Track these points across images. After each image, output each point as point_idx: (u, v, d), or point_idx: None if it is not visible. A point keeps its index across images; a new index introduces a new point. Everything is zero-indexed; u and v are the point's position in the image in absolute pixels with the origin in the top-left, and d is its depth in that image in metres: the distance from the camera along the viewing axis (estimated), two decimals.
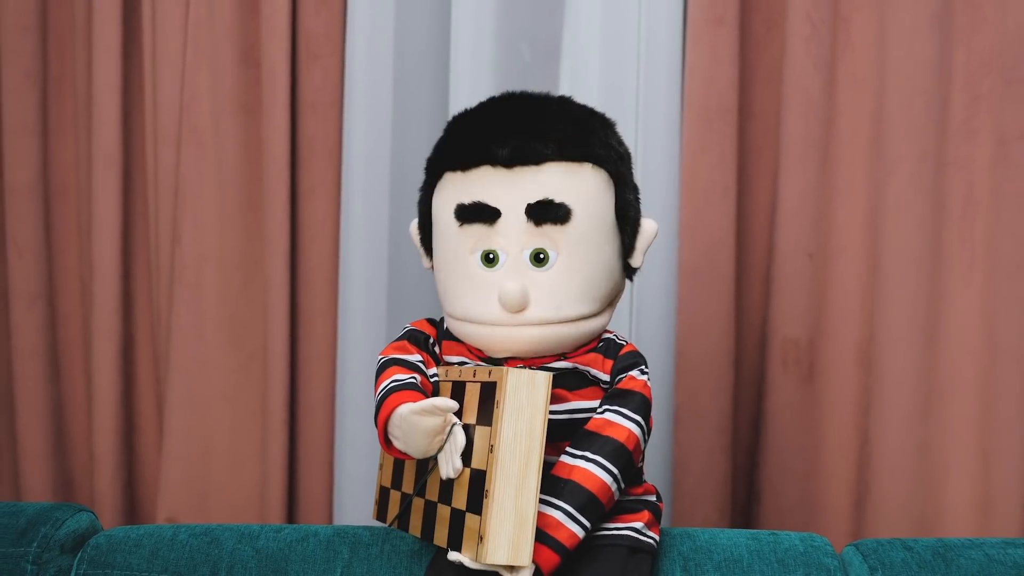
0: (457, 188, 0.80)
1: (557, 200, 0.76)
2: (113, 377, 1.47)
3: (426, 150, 1.42)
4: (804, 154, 1.32)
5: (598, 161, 0.80)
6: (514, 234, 0.76)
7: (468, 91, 1.38)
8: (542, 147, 0.78)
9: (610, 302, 0.81)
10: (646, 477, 0.82)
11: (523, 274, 0.74)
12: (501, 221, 0.76)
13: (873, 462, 1.29)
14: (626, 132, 1.30)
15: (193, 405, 1.46)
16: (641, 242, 0.83)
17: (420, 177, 1.37)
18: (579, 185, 0.78)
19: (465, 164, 0.80)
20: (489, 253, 0.77)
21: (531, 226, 0.76)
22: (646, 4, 1.34)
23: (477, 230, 0.77)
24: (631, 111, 1.35)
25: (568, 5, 1.39)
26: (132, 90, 1.48)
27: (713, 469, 1.33)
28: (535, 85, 1.39)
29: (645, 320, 1.35)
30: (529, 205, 0.76)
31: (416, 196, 1.31)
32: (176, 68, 1.44)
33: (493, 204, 0.77)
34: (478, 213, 0.77)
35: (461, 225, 0.77)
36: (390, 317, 1.43)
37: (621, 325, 1.34)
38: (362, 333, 1.43)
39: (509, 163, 0.78)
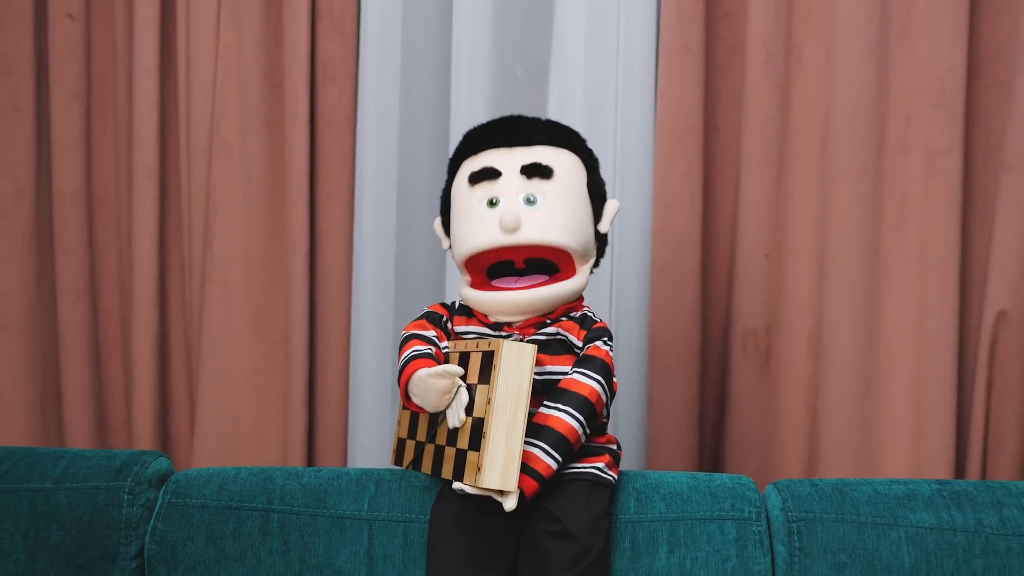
0: (470, 165, 1.06)
1: (544, 163, 1.02)
2: (150, 365, 1.72)
3: (430, 161, 1.68)
4: (761, 166, 1.57)
5: (575, 149, 1.07)
6: (511, 186, 1.01)
7: (467, 108, 1.63)
8: (533, 133, 1.05)
9: (586, 254, 1.05)
10: (625, 446, 1.06)
11: (519, 208, 0.99)
12: (502, 179, 1.02)
13: (821, 436, 1.54)
14: (605, 146, 1.57)
15: (222, 390, 1.70)
16: (607, 212, 1.08)
17: (424, 186, 1.63)
18: (560, 158, 1.04)
19: (476, 150, 1.06)
20: (492, 199, 1.02)
21: (524, 179, 1.02)
22: (623, 34, 1.59)
23: (484, 186, 1.03)
24: (610, 127, 1.60)
25: (556, 32, 1.64)
26: (168, 108, 1.73)
27: (682, 443, 1.58)
28: (527, 102, 1.66)
29: (622, 311, 1.60)
30: (523, 166, 1.02)
31: (421, 203, 1.57)
32: (207, 88, 1.69)
33: (497, 167, 1.02)
34: (485, 174, 1.03)
35: (472, 185, 1.03)
36: (397, 310, 1.68)
37: (601, 312, 1.58)
38: (372, 325, 1.67)
39: (508, 144, 1.04)
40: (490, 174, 1.03)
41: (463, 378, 0.97)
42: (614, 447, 1.04)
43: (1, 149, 1.74)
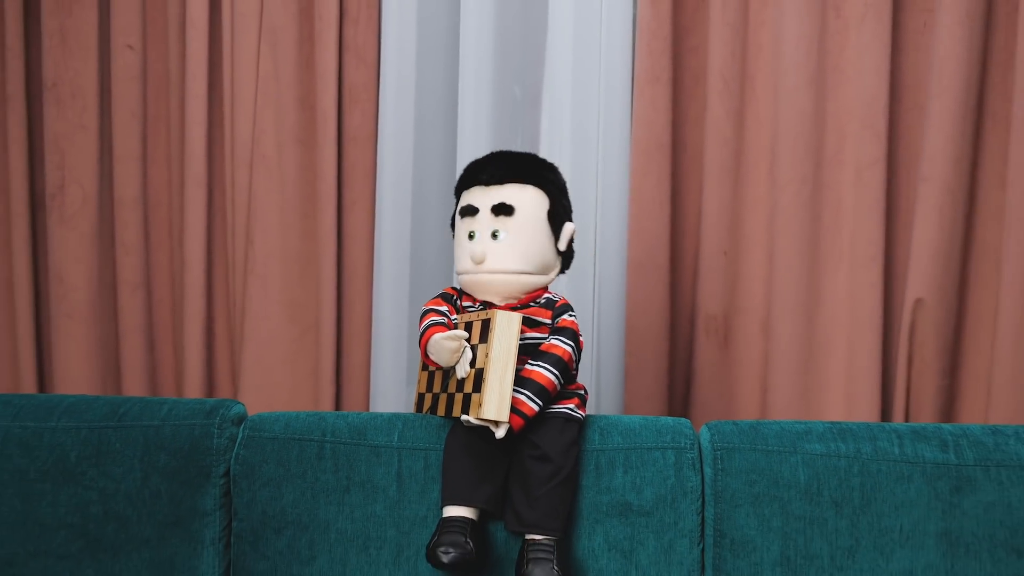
0: (463, 199, 1.45)
1: (508, 202, 1.41)
2: (198, 348, 2.13)
3: (440, 173, 2.10)
4: (720, 178, 1.98)
5: (537, 184, 1.45)
6: (484, 222, 1.40)
7: (472, 127, 2.04)
8: (506, 174, 1.43)
9: (544, 269, 1.44)
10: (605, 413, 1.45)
11: (486, 244, 1.39)
12: (479, 215, 1.41)
13: (770, 403, 1.94)
14: (588, 160, 1.98)
15: (261, 369, 2.11)
16: (564, 234, 1.47)
17: (435, 195, 2.05)
18: (524, 195, 1.43)
19: (468, 186, 1.46)
20: (471, 233, 1.42)
21: (492, 217, 1.41)
22: (604, 65, 2.00)
23: (467, 221, 1.42)
24: (593, 144, 2.01)
25: (547, 62, 2.05)
26: (214, 127, 2.14)
27: (654, 410, 1.98)
28: (523, 122, 2.07)
29: (604, 301, 2.01)
30: (493, 205, 1.41)
31: (432, 210, 1.99)
32: (249, 110, 2.10)
33: (475, 205, 1.42)
34: (468, 210, 1.42)
35: (462, 218, 1.43)
36: (411, 300, 2.09)
37: (585, 304, 1.99)
38: (390, 312, 2.09)
39: (487, 183, 1.43)
40: (470, 211, 1.42)
41: (468, 340, 1.37)
42: (582, 392, 1.44)
43: (71, 162, 2.15)
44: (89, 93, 2.16)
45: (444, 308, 1.45)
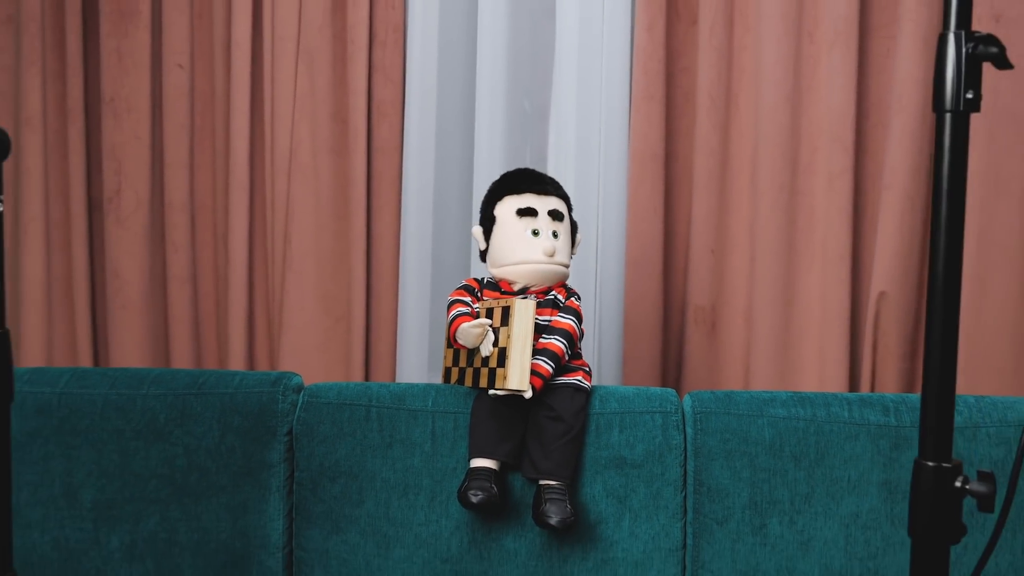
0: (516, 201, 1.80)
1: (559, 210, 1.79)
2: (241, 336, 2.49)
3: (458, 182, 2.46)
4: (707, 185, 2.34)
5: (566, 201, 1.83)
6: (543, 222, 1.76)
7: (487, 139, 2.40)
8: (549, 187, 1.81)
9: (569, 264, 1.82)
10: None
11: (553, 241, 1.75)
12: (538, 217, 1.77)
13: (751, 384, 2.31)
14: (591, 169, 2.35)
15: (298, 355, 2.47)
16: (577, 239, 1.84)
17: (454, 200, 2.41)
18: (563, 206, 1.81)
19: (519, 191, 1.81)
20: (535, 230, 1.77)
21: (550, 219, 1.77)
22: (605, 85, 2.37)
23: (527, 220, 1.77)
24: (595, 155, 2.38)
25: (555, 81, 2.42)
26: (256, 138, 2.51)
27: None
28: (533, 135, 2.44)
29: (604, 294, 2.38)
30: (549, 210, 1.78)
31: (451, 214, 2.34)
32: (287, 123, 2.47)
33: (535, 208, 1.78)
34: (529, 211, 1.78)
35: (520, 217, 1.78)
36: (433, 294, 2.45)
37: (588, 297, 2.36)
38: (414, 305, 2.45)
39: (539, 193, 1.80)
40: (531, 212, 1.79)
41: (490, 324, 1.73)
42: (587, 368, 1.81)
43: (126, 169, 2.52)
44: (142, 107, 2.52)
45: (468, 299, 1.81)
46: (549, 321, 1.77)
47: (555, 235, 1.78)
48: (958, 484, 1.07)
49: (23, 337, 2.53)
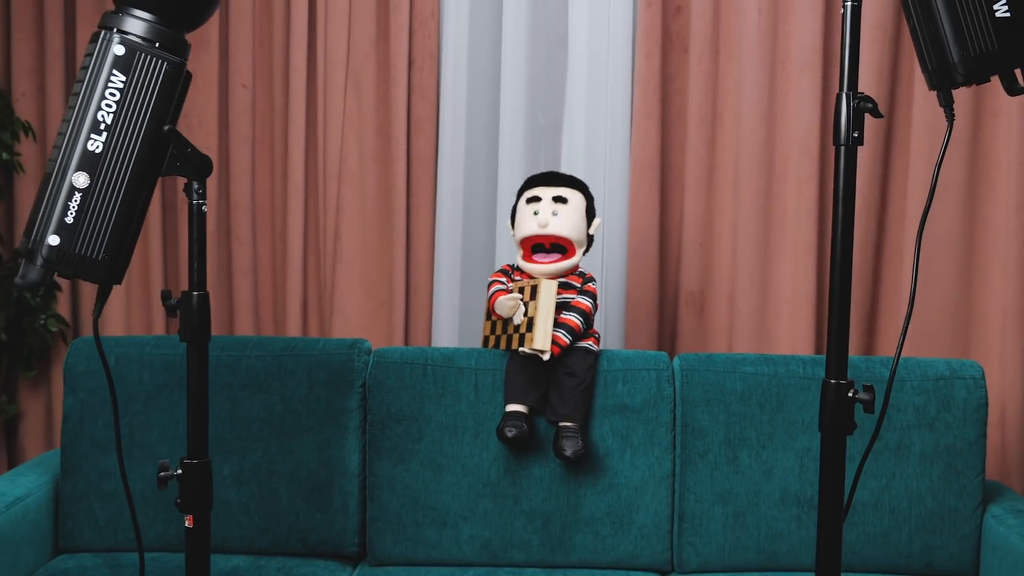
0: (527, 194, 2.48)
1: (563, 196, 2.46)
2: (296, 320, 3.17)
3: (485, 186, 3.17)
4: (697, 189, 3.03)
5: (580, 190, 2.51)
6: (545, 205, 2.43)
7: (509, 149, 3.09)
8: (559, 181, 2.49)
9: (579, 244, 2.48)
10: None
11: (548, 217, 2.41)
12: (542, 202, 2.45)
13: None
14: (598, 175, 3.03)
15: (345, 335, 3.14)
16: (594, 223, 2.52)
17: (481, 202, 3.12)
18: (572, 194, 2.49)
19: (532, 186, 2.49)
20: (536, 211, 2.43)
21: (552, 203, 2.44)
22: (610, 103, 3.05)
23: (532, 205, 2.45)
24: (601, 163, 3.06)
25: (567, 98, 3.10)
26: (310, 149, 3.19)
27: None
28: (547, 145, 3.14)
29: (609, 281, 3.06)
30: (554, 196, 2.46)
31: (478, 214, 3.03)
32: (337, 136, 3.14)
33: (539, 195, 2.46)
34: (534, 199, 2.46)
35: (528, 203, 2.46)
36: (463, 283, 3.14)
37: (596, 280, 3.03)
38: (447, 292, 3.13)
39: (547, 185, 2.48)
40: (536, 199, 2.46)
41: (521, 299, 2.40)
42: (597, 335, 2.48)
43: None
44: (211, 122, 3.19)
45: (503, 280, 2.49)
46: (570, 301, 2.44)
47: (554, 213, 2.43)
48: (850, 395, 1.74)
49: (110, 315, 3.19)
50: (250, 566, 2.37)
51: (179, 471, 1.80)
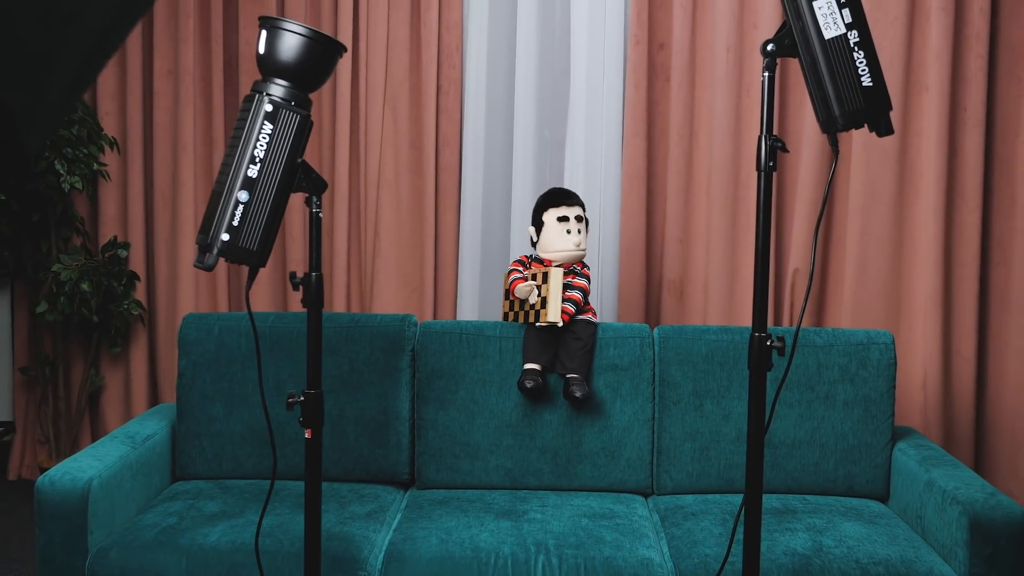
0: (556, 212, 3.62)
1: (583, 215, 3.59)
2: (342, 306, 4.27)
3: (501, 193, 4.33)
4: (677, 196, 4.16)
5: (582, 207, 3.62)
6: (573, 224, 3.56)
7: (521, 161, 4.22)
8: (576, 200, 3.61)
9: (586, 247, 3.61)
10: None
11: (580, 237, 3.54)
12: (570, 220, 3.56)
13: None
14: (595, 184, 4.16)
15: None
16: (589, 230, 3.64)
17: (497, 207, 4.26)
18: (583, 213, 3.60)
19: (558, 204, 3.61)
20: (568, 230, 3.55)
21: (576, 222, 3.56)
22: (604, 124, 4.18)
23: (563, 223, 3.57)
24: (598, 174, 4.19)
25: (569, 117, 4.21)
26: (353, 161, 4.30)
27: None
28: (553, 158, 4.25)
29: (605, 271, 4.19)
30: (575, 216, 3.57)
31: (496, 215, 4.19)
32: (376, 150, 4.26)
33: (568, 215, 3.57)
34: (565, 218, 3.58)
35: (559, 222, 3.58)
36: (482, 273, 4.25)
37: (593, 272, 4.15)
38: (469, 281, 4.26)
39: (571, 204, 3.59)
40: (566, 219, 3.57)
41: (536, 283, 3.49)
42: (594, 310, 3.59)
43: None
44: None
45: (521, 268, 3.60)
46: (572, 282, 3.55)
47: (579, 231, 3.55)
48: (768, 344, 2.85)
49: (181, 297, 4.30)
50: (327, 488, 3.47)
51: (302, 397, 2.90)
